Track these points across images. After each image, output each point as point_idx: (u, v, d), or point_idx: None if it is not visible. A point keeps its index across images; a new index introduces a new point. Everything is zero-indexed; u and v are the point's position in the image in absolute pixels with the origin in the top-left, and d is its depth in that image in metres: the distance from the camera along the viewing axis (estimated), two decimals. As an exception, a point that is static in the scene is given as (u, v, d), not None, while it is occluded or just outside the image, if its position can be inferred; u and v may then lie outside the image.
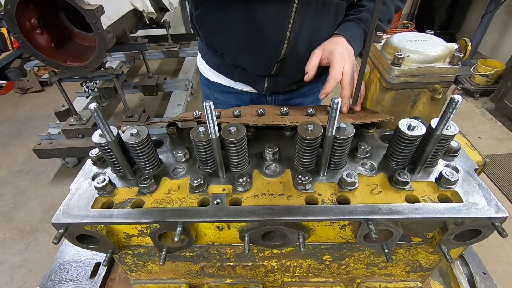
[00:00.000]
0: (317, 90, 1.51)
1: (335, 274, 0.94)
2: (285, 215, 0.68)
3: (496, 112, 4.00)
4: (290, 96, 1.45)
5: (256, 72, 1.29)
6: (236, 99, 1.48)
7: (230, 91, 1.45)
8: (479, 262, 1.09)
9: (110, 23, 2.36)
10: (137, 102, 4.60)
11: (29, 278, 2.38)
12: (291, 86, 1.37)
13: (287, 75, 1.29)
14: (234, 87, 1.43)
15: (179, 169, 0.82)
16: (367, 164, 0.80)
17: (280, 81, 1.32)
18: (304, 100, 1.49)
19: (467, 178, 0.75)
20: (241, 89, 1.43)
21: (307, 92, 1.47)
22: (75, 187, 0.78)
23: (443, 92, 0.92)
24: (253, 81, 1.35)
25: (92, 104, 0.61)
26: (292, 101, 1.48)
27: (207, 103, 0.60)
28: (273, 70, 1.25)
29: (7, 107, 4.65)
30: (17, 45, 5.13)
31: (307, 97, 1.49)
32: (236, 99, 1.48)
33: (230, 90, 1.45)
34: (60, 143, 2.99)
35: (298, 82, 1.35)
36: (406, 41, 0.93)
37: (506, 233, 0.64)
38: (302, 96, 1.48)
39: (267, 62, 1.22)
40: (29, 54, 2.49)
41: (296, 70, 1.25)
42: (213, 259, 0.87)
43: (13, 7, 1.97)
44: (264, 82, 1.31)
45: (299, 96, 1.47)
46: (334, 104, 0.59)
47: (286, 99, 1.46)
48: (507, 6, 4.47)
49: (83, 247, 0.77)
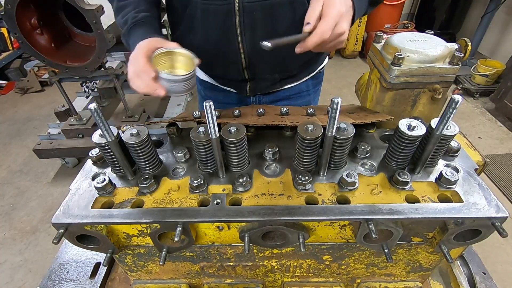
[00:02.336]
0: (306, 94, 1.46)
1: (335, 274, 0.94)
2: (285, 215, 0.68)
3: (496, 112, 4.00)
4: (275, 97, 1.41)
5: (234, 78, 1.29)
6: (224, 97, 1.47)
7: (218, 89, 1.45)
8: (479, 262, 1.09)
9: (110, 23, 2.36)
10: (137, 102, 4.59)
11: (29, 278, 2.38)
12: (275, 86, 1.35)
13: (264, 78, 1.28)
14: (221, 86, 1.43)
15: (179, 169, 0.82)
16: (367, 164, 0.80)
17: (260, 84, 1.31)
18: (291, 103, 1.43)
19: (467, 178, 0.75)
20: (227, 89, 1.42)
21: (294, 95, 1.43)
22: (75, 187, 0.78)
23: (443, 92, 0.92)
24: (235, 85, 1.35)
25: (92, 104, 0.61)
26: (279, 103, 1.42)
27: (207, 103, 0.60)
28: (246, 76, 1.24)
29: (7, 107, 4.65)
30: (17, 45, 5.13)
31: (295, 100, 1.44)
32: (224, 96, 1.47)
33: (218, 88, 1.45)
34: (60, 143, 2.99)
35: (280, 82, 1.33)
36: (406, 41, 0.93)
37: (506, 233, 0.64)
38: (288, 99, 1.43)
39: (235, 71, 1.21)
40: (29, 54, 2.49)
41: (269, 72, 1.24)
42: (213, 259, 0.87)
43: (13, 7, 1.97)
44: (246, 85, 1.31)
45: (285, 99, 1.43)
46: (334, 104, 0.59)
47: (271, 101, 1.42)
48: (507, 6, 4.46)
49: (83, 247, 0.77)
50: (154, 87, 0.86)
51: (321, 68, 1.44)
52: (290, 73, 1.31)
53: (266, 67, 1.22)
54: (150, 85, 0.86)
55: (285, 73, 1.30)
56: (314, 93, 1.50)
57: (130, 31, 1.03)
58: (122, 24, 1.06)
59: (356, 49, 5.49)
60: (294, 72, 1.31)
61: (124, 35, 1.07)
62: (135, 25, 1.02)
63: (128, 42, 1.05)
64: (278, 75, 1.28)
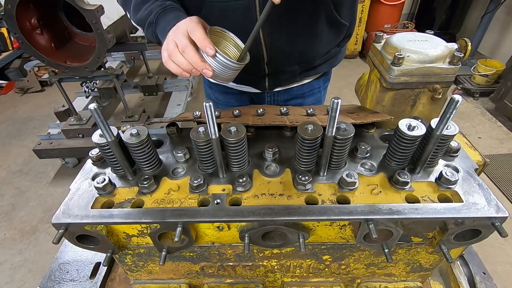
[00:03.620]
0: (317, 91, 1.51)
1: (335, 274, 0.94)
2: (285, 215, 0.68)
3: (496, 112, 4.00)
4: (290, 95, 1.45)
5: (253, 75, 1.29)
6: (235, 100, 1.50)
7: (230, 92, 1.47)
8: (479, 262, 1.09)
9: (110, 23, 2.36)
10: (137, 102, 4.60)
11: (29, 278, 2.38)
12: (294, 80, 1.37)
13: (284, 71, 1.29)
14: (234, 88, 1.45)
15: (179, 169, 0.82)
16: (367, 164, 0.80)
17: (280, 77, 1.32)
18: (304, 101, 1.50)
19: (467, 178, 0.75)
20: (241, 90, 1.44)
21: (307, 92, 1.48)
22: (75, 187, 0.78)
23: (443, 92, 0.92)
24: (254, 82, 1.36)
25: (92, 104, 0.61)
26: (292, 102, 1.48)
27: (207, 103, 0.60)
28: (267, 70, 1.25)
29: (7, 107, 4.65)
30: (17, 45, 5.13)
31: (307, 97, 1.49)
32: (235, 99, 1.50)
33: (230, 91, 1.47)
34: (60, 143, 2.99)
35: (300, 75, 1.35)
36: (406, 41, 0.93)
37: (506, 233, 0.64)
38: (302, 97, 1.48)
39: (257, 66, 1.22)
40: (29, 54, 2.49)
41: (289, 63, 1.25)
42: (213, 259, 0.87)
43: (13, 7, 1.97)
44: (265, 80, 1.32)
45: (299, 97, 1.47)
46: (334, 104, 0.59)
47: (287, 99, 1.46)
48: (507, 6, 4.46)
49: (83, 247, 0.77)
50: (202, 65, 0.80)
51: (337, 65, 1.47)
52: (311, 65, 1.31)
53: (287, 59, 1.22)
54: (197, 62, 0.79)
55: (305, 65, 1.31)
56: (324, 89, 1.55)
57: (159, 18, 0.96)
58: (145, 16, 1.00)
59: (356, 49, 5.49)
60: (314, 63, 1.32)
61: (150, 25, 0.99)
62: (164, 11, 0.96)
63: (156, 29, 0.98)
64: (298, 67, 1.28)
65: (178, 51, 0.82)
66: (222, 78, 0.86)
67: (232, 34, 0.89)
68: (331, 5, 1.10)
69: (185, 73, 0.85)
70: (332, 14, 1.14)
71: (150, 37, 1.03)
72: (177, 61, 0.82)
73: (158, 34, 0.98)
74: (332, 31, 1.20)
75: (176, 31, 0.85)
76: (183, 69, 0.83)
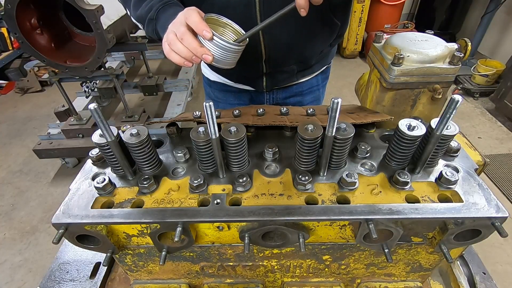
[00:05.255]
0: (316, 89, 1.52)
1: (335, 274, 0.94)
2: (285, 215, 0.68)
3: (496, 112, 4.00)
4: (289, 93, 1.46)
5: (250, 74, 1.30)
6: (235, 98, 1.50)
7: (229, 90, 1.47)
8: (479, 262, 1.09)
9: (110, 23, 2.36)
10: (137, 102, 4.60)
11: (29, 278, 2.38)
12: (291, 79, 1.38)
13: (282, 70, 1.30)
14: (234, 86, 1.45)
15: (179, 169, 0.82)
16: (367, 164, 0.80)
17: (278, 77, 1.33)
18: (303, 99, 1.50)
19: (467, 178, 0.75)
20: (240, 88, 1.44)
21: (306, 90, 1.48)
22: (75, 187, 0.78)
23: (443, 92, 0.92)
24: (252, 81, 1.36)
25: (92, 104, 0.61)
26: (291, 100, 1.49)
27: (207, 103, 0.60)
28: (265, 69, 1.26)
29: (7, 107, 4.65)
30: (17, 45, 5.13)
31: (306, 95, 1.50)
32: (235, 97, 1.50)
33: (229, 89, 1.47)
34: (60, 143, 2.99)
35: (297, 75, 1.36)
36: (406, 41, 0.93)
37: (506, 233, 0.64)
38: (301, 95, 1.49)
39: (255, 65, 1.23)
40: (29, 54, 2.49)
41: (287, 62, 1.26)
42: (213, 259, 0.87)
43: (13, 7, 1.97)
44: (263, 80, 1.32)
45: (298, 95, 1.48)
46: (334, 104, 0.59)
47: (285, 97, 1.47)
48: (507, 6, 4.46)
49: (83, 247, 0.77)
50: (201, 51, 0.80)
51: (330, 63, 1.50)
52: (307, 64, 1.33)
53: (285, 58, 1.23)
54: (196, 48, 0.80)
55: (303, 65, 1.32)
56: (322, 87, 1.57)
57: (159, 14, 0.97)
58: (145, 12, 1.00)
59: (356, 49, 5.49)
60: (311, 63, 1.33)
61: (150, 22, 1.00)
62: (164, 6, 0.97)
63: (157, 25, 0.98)
64: (296, 67, 1.29)
65: (177, 39, 0.82)
66: (223, 62, 0.86)
67: (228, 19, 0.89)
68: (327, 5, 1.11)
69: (187, 62, 0.85)
70: (328, 14, 1.15)
71: (151, 33, 1.03)
72: (177, 49, 0.83)
73: (158, 30, 0.98)
74: (326, 31, 1.22)
75: (174, 22, 0.85)
76: (183, 57, 0.83)
